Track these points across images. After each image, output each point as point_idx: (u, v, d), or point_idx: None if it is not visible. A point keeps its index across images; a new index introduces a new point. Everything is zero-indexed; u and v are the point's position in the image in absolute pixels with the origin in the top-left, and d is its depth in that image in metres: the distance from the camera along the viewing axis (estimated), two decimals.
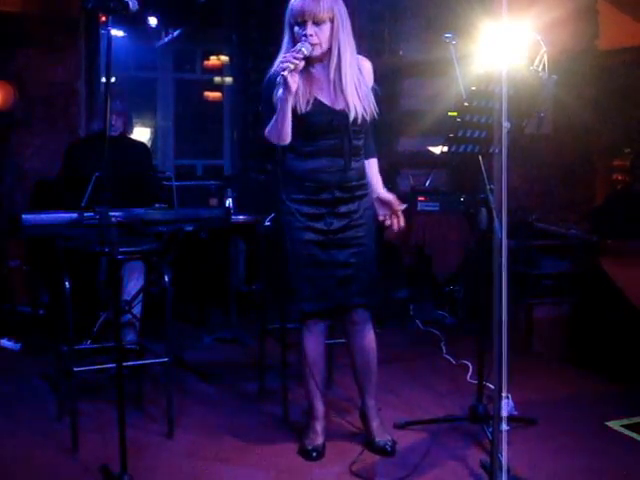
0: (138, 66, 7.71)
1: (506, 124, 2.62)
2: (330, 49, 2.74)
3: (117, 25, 6.29)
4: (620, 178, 5.53)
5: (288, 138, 2.74)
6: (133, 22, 6.37)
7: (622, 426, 3.31)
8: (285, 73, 2.58)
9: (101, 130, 2.52)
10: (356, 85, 2.78)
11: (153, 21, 6.57)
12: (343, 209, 2.84)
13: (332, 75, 2.76)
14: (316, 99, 2.76)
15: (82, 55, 5.42)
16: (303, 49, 2.64)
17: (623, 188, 5.42)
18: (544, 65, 2.96)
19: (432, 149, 2.86)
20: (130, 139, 4.23)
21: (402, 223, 2.93)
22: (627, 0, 4.72)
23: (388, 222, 2.92)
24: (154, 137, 7.21)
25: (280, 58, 2.71)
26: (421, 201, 4.33)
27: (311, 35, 2.68)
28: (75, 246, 3.06)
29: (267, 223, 3.65)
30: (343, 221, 2.84)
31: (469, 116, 2.61)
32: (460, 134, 2.64)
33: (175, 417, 3.14)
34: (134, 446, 2.75)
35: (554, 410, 3.50)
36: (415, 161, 2.92)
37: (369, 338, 2.99)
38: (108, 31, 2.47)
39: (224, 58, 7.22)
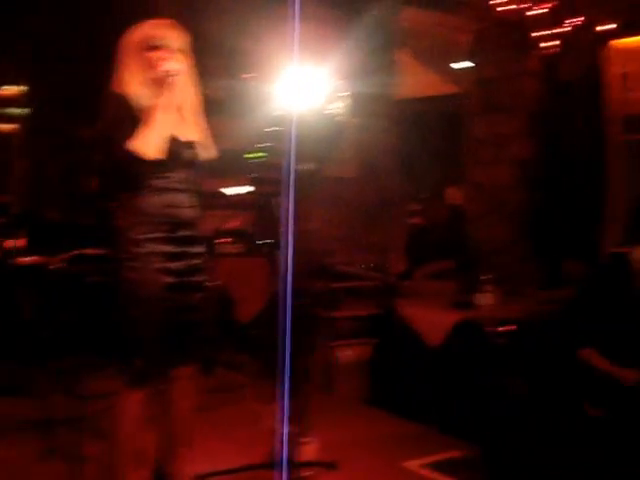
0: None
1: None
2: None
3: None
4: (417, 222, 5.80)
5: None
6: None
7: (420, 466, 3.39)
8: None
9: None
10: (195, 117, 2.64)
11: None
12: (194, 249, 2.65)
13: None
14: None
15: None
16: None
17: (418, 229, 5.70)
18: (344, 109, 3.01)
19: (224, 190, 2.77)
20: None
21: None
22: (423, 51, 4.98)
23: None
24: None
25: None
26: (224, 243, 4.22)
27: None
28: None
29: (61, 264, 3.37)
30: (194, 261, 2.65)
31: (264, 157, 2.57)
32: (258, 175, 2.59)
33: None
34: None
35: (355, 452, 3.52)
36: (213, 202, 2.82)
37: (194, 398, 2.80)
38: None
39: (18, 89, 6.76)
